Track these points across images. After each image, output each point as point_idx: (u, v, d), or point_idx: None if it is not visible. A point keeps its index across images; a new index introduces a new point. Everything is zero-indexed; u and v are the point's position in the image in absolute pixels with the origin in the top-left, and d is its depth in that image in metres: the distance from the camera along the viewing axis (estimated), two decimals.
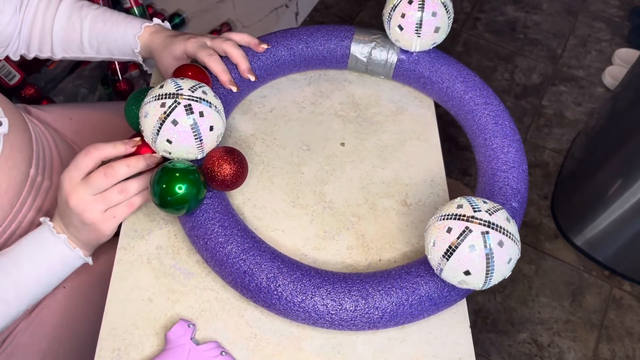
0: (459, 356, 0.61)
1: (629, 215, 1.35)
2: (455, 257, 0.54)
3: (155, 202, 0.58)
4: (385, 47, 0.79)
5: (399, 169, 0.76)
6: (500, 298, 1.46)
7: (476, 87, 0.77)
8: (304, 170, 0.74)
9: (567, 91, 1.94)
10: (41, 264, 0.61)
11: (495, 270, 0.54)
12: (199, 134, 0.59)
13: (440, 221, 0.56)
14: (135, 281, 0.63)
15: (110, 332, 0.60)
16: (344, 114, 0.81)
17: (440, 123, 0.83)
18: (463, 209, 0.55)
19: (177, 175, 0.57)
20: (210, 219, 0.61)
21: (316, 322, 0.58)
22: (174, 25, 1.57)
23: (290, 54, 0.79)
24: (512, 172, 0.69)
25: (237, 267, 0.58)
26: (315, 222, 0.70)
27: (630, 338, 1.41)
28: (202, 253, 0.62)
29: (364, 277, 0.60)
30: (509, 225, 0.55)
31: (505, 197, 0.67)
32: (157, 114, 0.57)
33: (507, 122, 0.74)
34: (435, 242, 0.56)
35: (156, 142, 0.59)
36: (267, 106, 0.81)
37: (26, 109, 0.86)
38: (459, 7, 2.16)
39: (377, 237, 0.69)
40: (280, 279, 0.57)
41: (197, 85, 0.60)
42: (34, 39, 0.78)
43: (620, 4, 2.26)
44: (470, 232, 0.53)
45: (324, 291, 0.57)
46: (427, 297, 0.59)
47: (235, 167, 0.60)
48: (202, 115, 0.58)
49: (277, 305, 0.58)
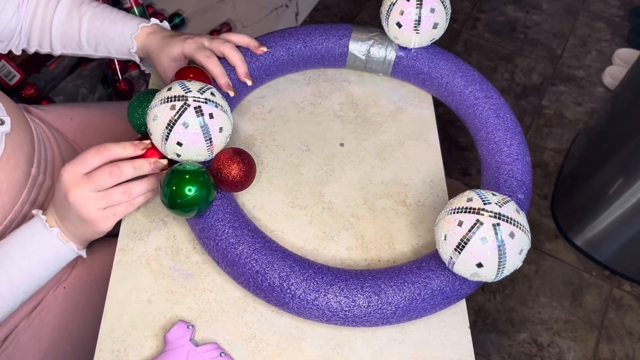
0: (458, 357, 0.61)
1: (629, 215, 1.35)
2: (467, 250, 0.54)
3: (165, 204, 0.58)
4: (384, 45, 0.80)
5: (398, 169, 0.76)
6: (500, 298, 1.46)
7: (476, 81, 0.77)
8: (303, 170, 0.74)
9: (567, 91, 1.94)
10: (34, 257, 0.61)
11: (507, 262, 0.55)
12: (209, 136, 0.59)
13: (450, 215, 0.57)
14: (134, 282, 0.63)
15: (109, 333, 0.60)
16: (343, 115, 0.81)
17: (440, 123, 0.83)
18: (473, 202, 0.56)
19: (187, 177, 0.57)
20: (221, 220, 0.61)
21: (330, 319, 0.59)
22: (173, 25, 1.57)
23: (288, 54, 0.79)
24: (516, 165, 0.70)
25: (250, 267, 0.59)
26: (314, 223, 0.70)
27: (630, 338, 1.41)
28: (213, 254, 0.62)
29: (375, 273, 0.60)
30: (519, 216, 0.56)
31: (511, 189, 0.68)
32: (167, 117, 0.57)
33: (508, 115, 0.74)
34: (447, 235, 0.56)
35: (166, 145, 0.59)
36: (266, 107, 0.81)
37: (27, 109, 0.86)
38: (459, 7, 2.16)
39: (376, 237, 0.69)
40: (293, 278, 0.58)
41: (205, 87, 0.60)
42: (34, 34, 0.78)
43: (620, 4, 2.25)
44: (482, 224, 0.54)
45: (336, 288, 0.58)
46: (439, 291, 0.59)
47: (245, 168, 0.61)
48: (212, 117, 0.58)
49: (290, 304, 0.58)
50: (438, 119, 0.82)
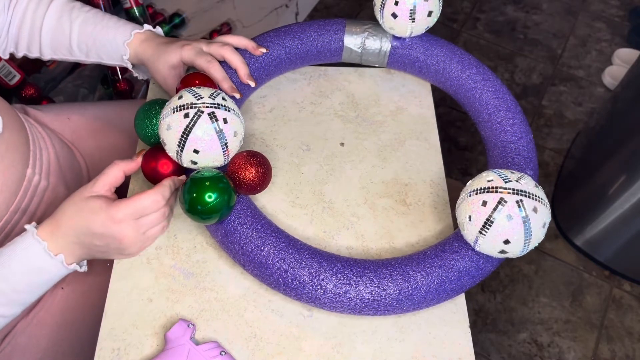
0: (458, 356, 0.61)
1: (629, 215, 1.35)
2: (493, 228, 0.56)
3: (187, 214, 0.59)
4: (378, 36, 0.80)
5: (398, 169, 0.76)
6: (500, 298, 1.46)
7: (472, 65, 0.78)
8: (303, 170, 0.74)
9: (567, 91, 1.94)
10: (22, 272, 0.58)
11: (533, 236, 0.56)
12: (225, 141, 0.59)
13: (473, 196, 0.58)
14: (134, 281, 0.63)
15: (110, 332, 0.60)
16: (343, 114, 0.81)
17: (440, 123, 0.83)
18: (494, 182, 0.57)
19: (207, 184, 0.57)
20: (243, 223, 0.61)
21: (362, 310, 0.59)
22: (173, 25, 1.57)
23: (285, 52, 0.79)
24: (521, 142, 0.71)
25: (278, 267, 0.59)
26: (314, 222, 0.70)
27: (630, 338, 1.41)
28: (239, 258, 0.62)
29: (402, 261, 0.61)
30: (538, 190, 0.58)
31: (520, 166, 0.69)
32: (182, 126, 0.57)
33: (507, 96, 0.75)
34: (472, 216, 0.57)
35: (182, 154, 0.58)
36: (266, 106, 0.81)
37: (24, 110, 0.86)
38: (458, 7, 2.16)
39: (377, 237, 0.69)
40: (323, 273, 0.58)
41: (216, 93, 0.60)
42: (22, 38, 0.77)
43: (620, 4, 2.26)
44: (506, 202, 0.55)
45: (367, 279, 0.58)
46: (465, 272, 0.60)
47: (262, 169, 0.61)
48: (226, 122, 0.58)
49: (322, 299, 0.59)
50: (438, 119, 0.83)
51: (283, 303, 0.63)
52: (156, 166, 0.62)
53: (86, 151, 0.88)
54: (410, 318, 0.63)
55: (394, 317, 0.63)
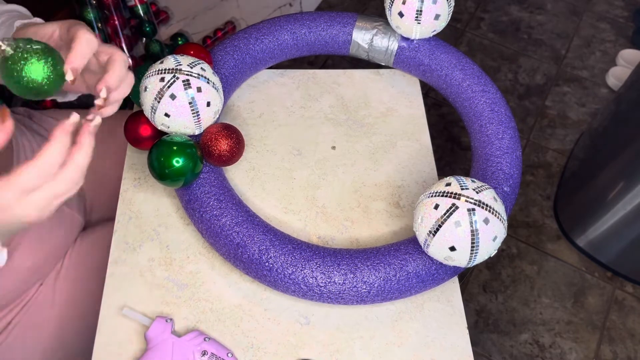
0: (457, 358, 0.61)
1: (631, 216, 1.35)
2: (441, 232, 0.56)
3: (153, 175, 0.61)
4: (387, 35, 0.81)
5: (390, 171, 0.76)
6: (502, 298, 1.46)
7: (474, 74, 0.78)
8: (295, 175, 0.75)
9: (571, 92, 1.93)
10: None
11: (480, 247, 0.56)
12: (197, 109, 0.61)
13: (428, 198, 0.58)
14: (128, 295, 0.63)
15: (104, 348, 0.59)
16: (333, 117, 0.82)
17: (443, 123, 0.83)
18: (451, 187, 0.57)
19: (175, 148, 0.59)
20: (206, 192, 0.63)
21: (306, 294, 0.60)
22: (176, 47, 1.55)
23: (293, 38, 0.80)
24: (505, 158, 0.71)
25: (231, 239, 0.60)
26: (308, 228, 0.70)
27: (632, 340, 1.40)
28: (198, 225, 0.64)
29: (353, 253, 0.61)
30: (496, 204, 0.57)
31: (498, 181, 0.69)
32: (156, 88, 0.59)
33: (502, 110, 0.75)
34: (423, 218, 0.57)
35: (155, 116, 0.61)
36: (256, 111, 0.81)
37: (28, 113, 0.85)
38: (462, 7, 2.15)
39: (372, 240, 0.69)
40: (272, 252, 0.59)
41: (196, 62, 0.62)
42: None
43: (625, 5, 2.24)
44: (457, 208, 0.55)
45: (314, 264, 0.59)
46: (414, 274, 0.60)
47: (232, 142, 0.63)
48: (199, 91, 0.60)
49: (268, 277, 0.60)
50: (442, 119, 0.83)
51: (279, 311, 0.63)
52: (138, 128, 0.65)
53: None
54: (408, 322, 0.64)
55: (392, 321, 0.63)
